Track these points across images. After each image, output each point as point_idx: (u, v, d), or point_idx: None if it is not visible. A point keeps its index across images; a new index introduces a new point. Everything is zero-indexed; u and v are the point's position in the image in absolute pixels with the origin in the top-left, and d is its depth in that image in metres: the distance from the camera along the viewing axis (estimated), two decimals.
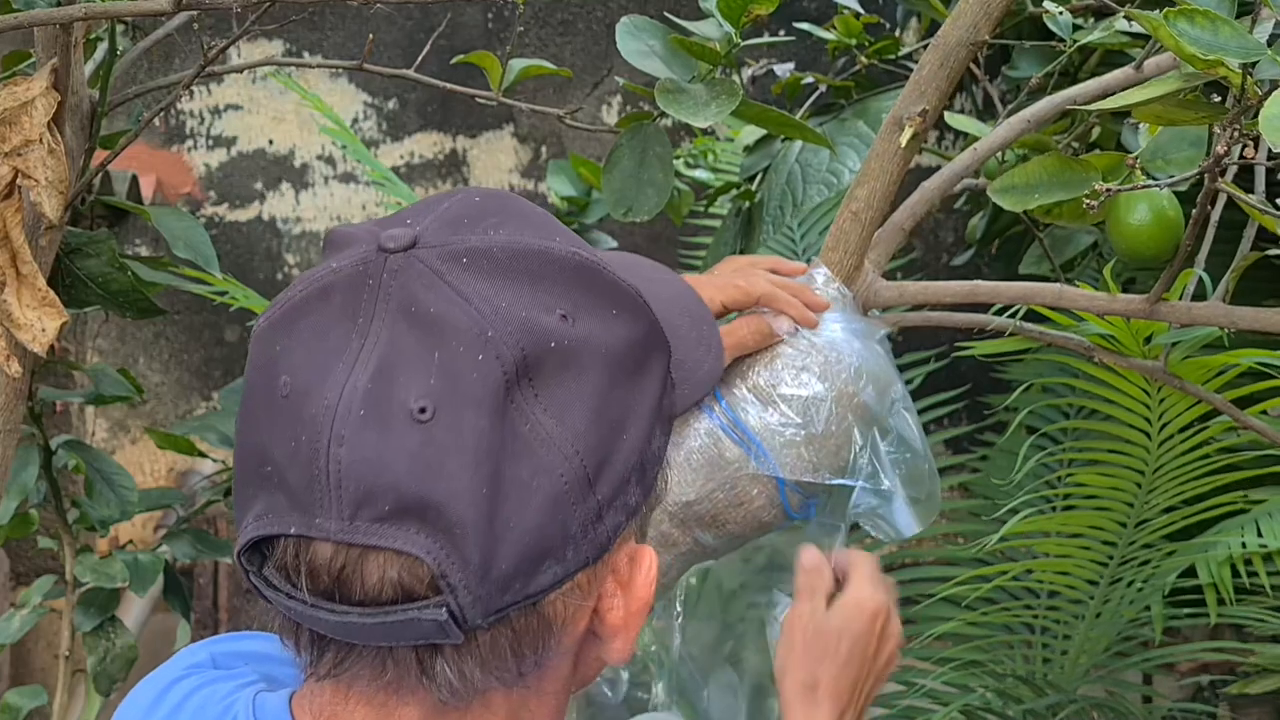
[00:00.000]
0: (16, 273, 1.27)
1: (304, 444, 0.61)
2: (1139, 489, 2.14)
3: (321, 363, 0.62)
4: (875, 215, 1.17)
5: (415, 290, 0.63)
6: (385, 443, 0.60)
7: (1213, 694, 2.56)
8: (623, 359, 0.66)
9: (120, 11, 1.21)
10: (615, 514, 0.65)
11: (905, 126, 1.13)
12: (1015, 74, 1.79)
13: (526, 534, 0.61)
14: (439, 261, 0.64)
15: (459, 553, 0.60)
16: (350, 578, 0.62)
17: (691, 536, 1.16)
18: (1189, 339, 1.21)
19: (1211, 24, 0.86)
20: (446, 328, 0.62)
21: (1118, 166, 1.11)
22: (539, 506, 0.62)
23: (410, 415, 0.60)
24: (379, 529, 0.60)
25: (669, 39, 1.27)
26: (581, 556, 0.64)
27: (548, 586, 0.63)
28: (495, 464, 0.61)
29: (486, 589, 0.61)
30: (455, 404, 0.61)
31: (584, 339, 0.64)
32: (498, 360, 0.61)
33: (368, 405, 0.61)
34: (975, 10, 1.11)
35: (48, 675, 2.78)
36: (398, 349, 0.62)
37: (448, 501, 0.60)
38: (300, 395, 0.62)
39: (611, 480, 0.64)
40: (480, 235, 0.65)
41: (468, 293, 0.63)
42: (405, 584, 0.61)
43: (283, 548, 0.63)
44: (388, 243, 0.64)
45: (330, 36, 3.00)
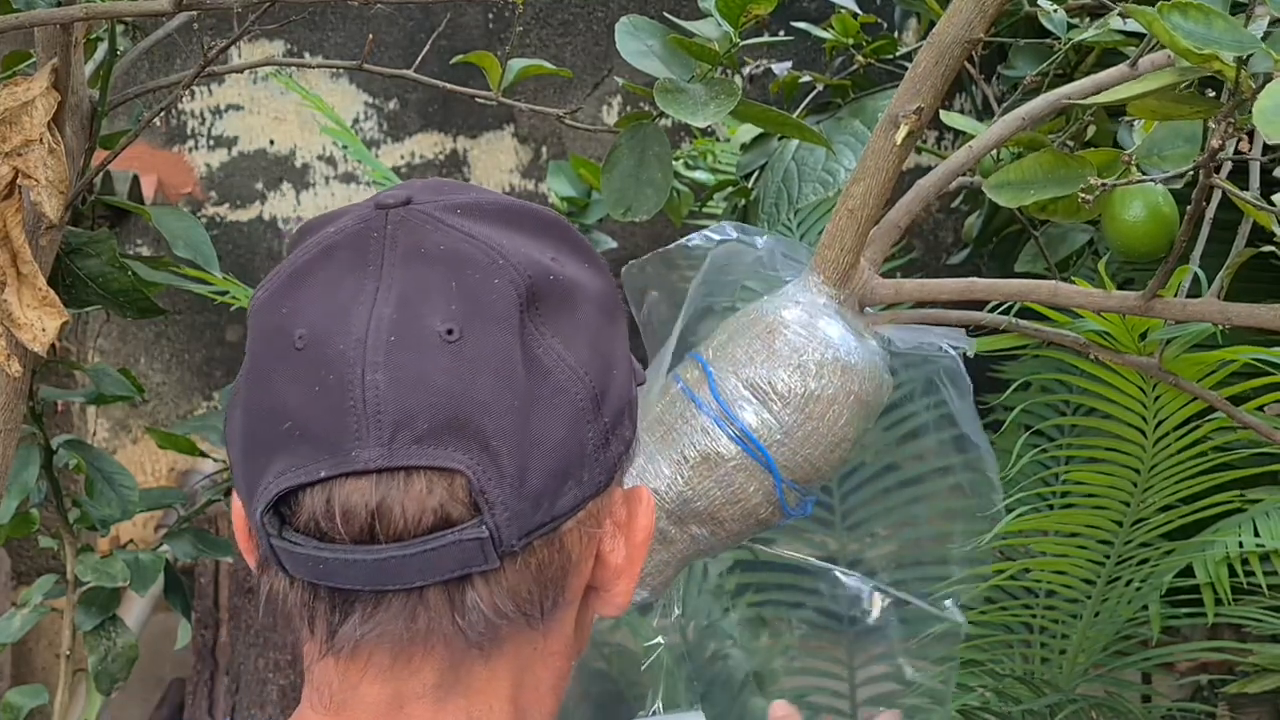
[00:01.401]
0: (17, 272, 1.27)
1: (331, 383, 0.62)
2: (1135, 488, 2.15)
3: (340, 308, 0.64)
4: (871, 213, 1.17)
5: (422, 234, 0.66)
6: (419, 364, 0.62)
7: (1211, 693, 2.56)
8: (604, 302, 0.70)
9: (121, 11, 1.22)
10: (618, 441, 0.68)
11: (901, 124, 1.13)
12: (1012, 74, 1.79)
13: (554, 448, 0.64)
14: (438, 211, 0.67)
15: (496, 466, 0.62)
16: (389, 510, 0.62)
17: (689, 533, 1.17)
18: (1184, 335, 1.22)
19: (1205, 18, 0.86)
20: (460, 258, 0.65)
21: (1113, 162, 1.11)
22: (562, 422, 0.65)
23: (439, 337, 0.63)
24: (419, 450, 0.62)
25: (668, 39, 1.28)
26: (595, 479, 0.67)
27: (569, 509, 0.66)
28: (523, 379, 0.64)
29: (521, 505, 0.63)
30: (480, 323, 0.64)
31: (572, 279, 0.68)
32: (511, 284, 0.65)
33: (397, 331, 0.63)
34: (970, 8, 1.11)
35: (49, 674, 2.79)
36: (416, 283, 0.64)
37: (483, 415, 0.62)
38: (321, 340, 0.63)
39: (613, 406, 0.68)
40: (465, 194, 0.70)
41: (473, 231, 0.67)
42: (444, 508, 0.63)
43: (311, 499, 0.63)
44: (386, 200, 0.68)
45: (331, 37, 3.00)
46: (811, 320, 1.16)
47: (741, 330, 1.18)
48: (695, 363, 1.19)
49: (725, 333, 1.19)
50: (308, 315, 0.65)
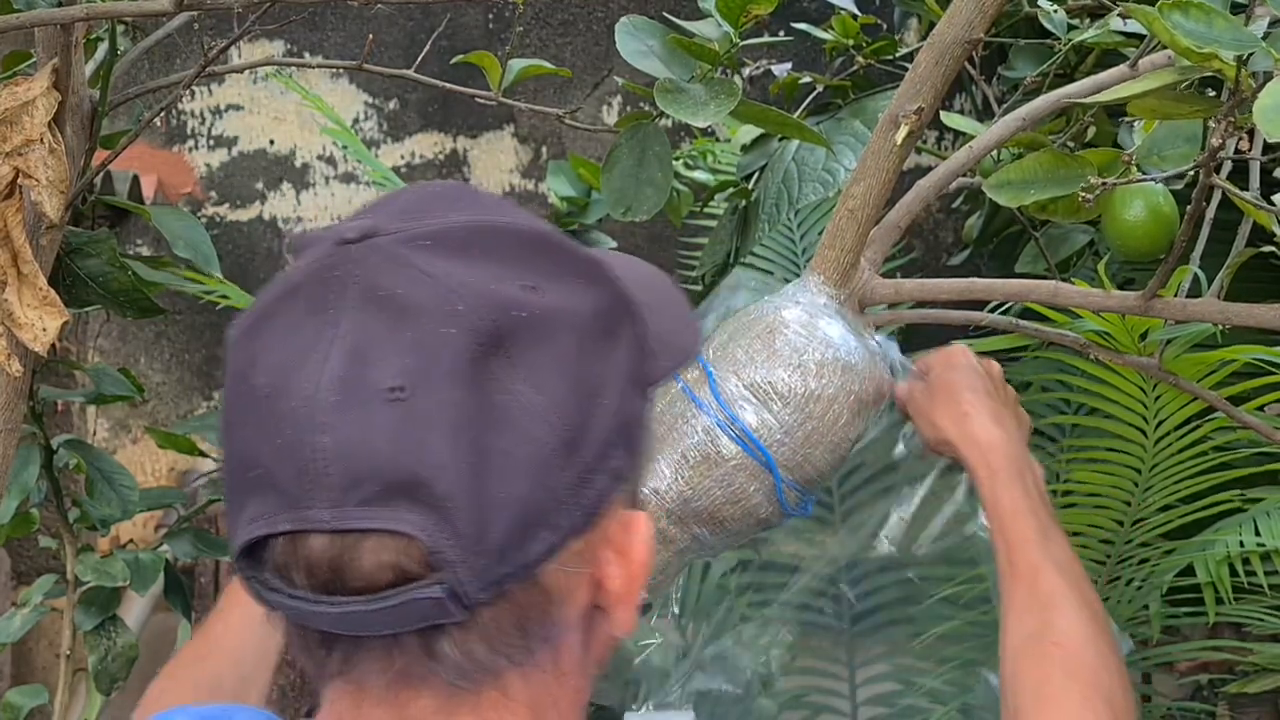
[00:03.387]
0: (17, 272, 1.27)
1: (288, 439, 0.62)
2: (1136, 487, 2.15)
3: (296, 358, 0.63)
4: (871, 213, 1.17)
5: (378, 275, 0.64)
6: (365, 425, 0.61)
7: (1212, 693, 2.56)
8: (592, 326, 0.67)
9: (121, 11, 1.22)
10: (601, 478, 0.66)
11: (901, 125, 1.13)
12: (1012, 74, 1.79)
13: (515, 502, 0.62)
14: (399, 246, 0.65)
15: (450, 526, 0.61)
16: (347, 567, 0.62)
17: (689, 533, 1.17)
18: (1184, 335, 1.22)
19: (1206, 16, 0.86)
20: (414, 307, 0.63)
21: (1113, 162, 1.11)
22: (524, 473, 0.62)
23: (386, 395, 0.61)
24: (369, 512, 0.61)
25: (668, 39, 1.28)
26: (572, 522, 0.64)
27: (543, 555, 0.64)
28: (476, 434, 0.61)
29: (482, 560, 0.62)
30: (430, 379, 0.61)
31: (552, 308, 0.65)
32: (469, 332, 0.62)
33: (343, 390, 0.61)
34: (970, 8, 1.11)
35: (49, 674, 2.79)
36: (368, 333, 0.63)
37: (433, 476, 0.61)
38: (278, 393, 0.63)
39: (594, 445, 0.65)
40: (437, 219, 0.67)
41: (431, 270, 0.64)
42: (401, 565, 0.62)
43: (278, 548, 0.63)
44: (346, 234, 0.65)
45: (331, 37, 3.01)
46: (812, 320, 1.16)
47: (742, 330, 1.18)
48: (695, 362, 1.19)
49: (725, 333, 1.19)
50: (269, 362, 0.64)
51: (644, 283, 0.78)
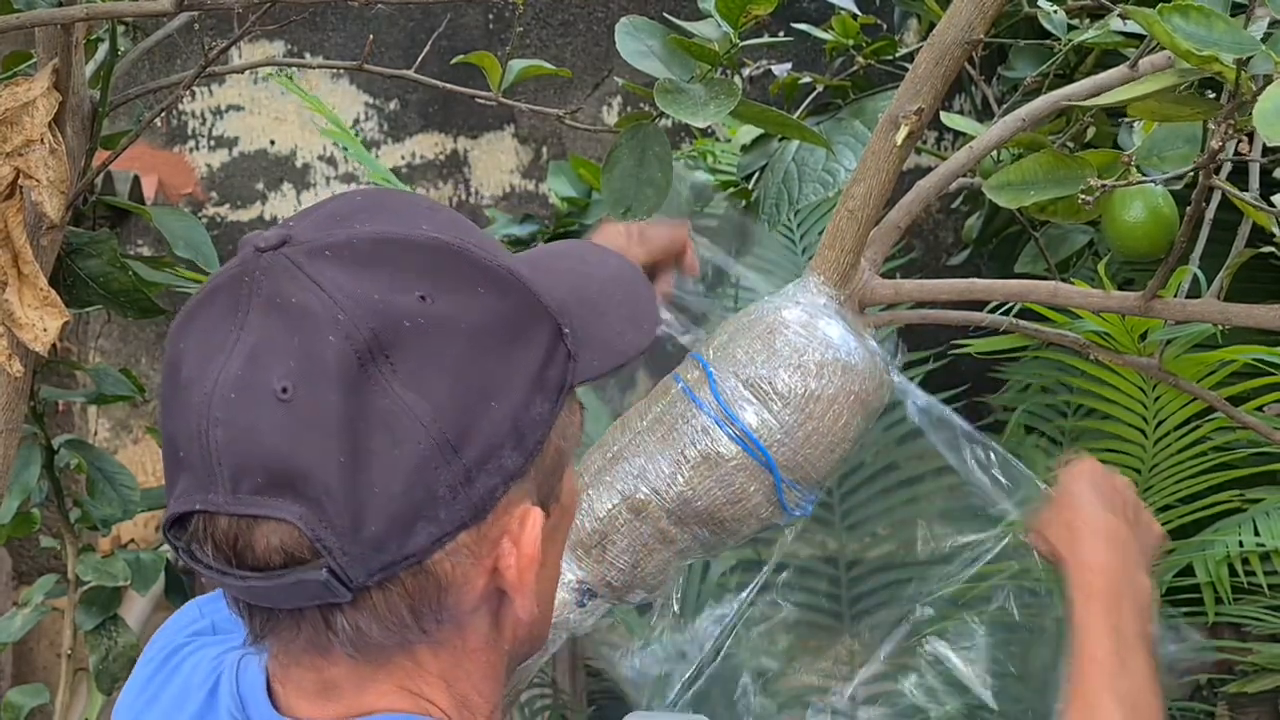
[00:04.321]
0: (18, 272, 1.27)
1: (193, 429, 0.69)
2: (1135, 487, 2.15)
3: (207, 356, 0.69)
4: (871, 213, 1.17)
5: (280, 283, 0.70)
6: (253, 421, 0.67)
7: (1211, 693, 2.56)
8: (489, 333, 0.71)
9: (121, 12, 1.22)
10: (489, 476, 0.70)
11: (901, 125, 1.13)
12: (1012, 75, 1.79)
13: (391, 498, 0.68)
14: (303, 256, 0.70)
15: (327, 517, 0.67)
16: (244, 547, 0.69)
17: (689, 533, 1.17)
18: (1183, 336, 1.22)
19: (1206, 19, 0.86)
20: (305, 314, 0.68)
21: (1113, 163, 1.11)
22: (401, 473, 0.68)
23: (274, 395, 0.67)
24: (257, 500, 0.68)
25: (668, 39, 1.28)
26: (456, 517, 0.70)
27: (427, 546, 0.69)
28: (353, 435, 0.67)
29: (360, 549, 0.68)
30: (312, 382, 0.67)
31: (442, 316, 0.70)
32: (348, 340, 0.68)
33: (238, 389, 0.68)
34: (970, 9, 1.11)
35: (50, 674, 2.79)
36: (265, 337, 0.69)
37: (311, 471, 0.67)
38: (190, 385, 0.69)
39: (479, 446, 0.69)
40: (346, 230, 0.72)
41: (323, 282, 0.69)
42: (289, 548, 0.68)
43: (194, 524, 0.70)
44: (259, 242, 0.71)
45: (331, 37, 3.01)
46: (812, 320, 1.16)
47: (742, 330, 1.18)
48: (695, 363, 1.19)
49: (725, 333, 1.19)
50: (189, 357, 0.70)
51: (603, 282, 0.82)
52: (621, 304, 0.82)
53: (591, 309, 0.78)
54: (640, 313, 0.83)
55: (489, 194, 3.05)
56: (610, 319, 0.80)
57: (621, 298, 0.82)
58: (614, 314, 0.80)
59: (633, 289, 0.84)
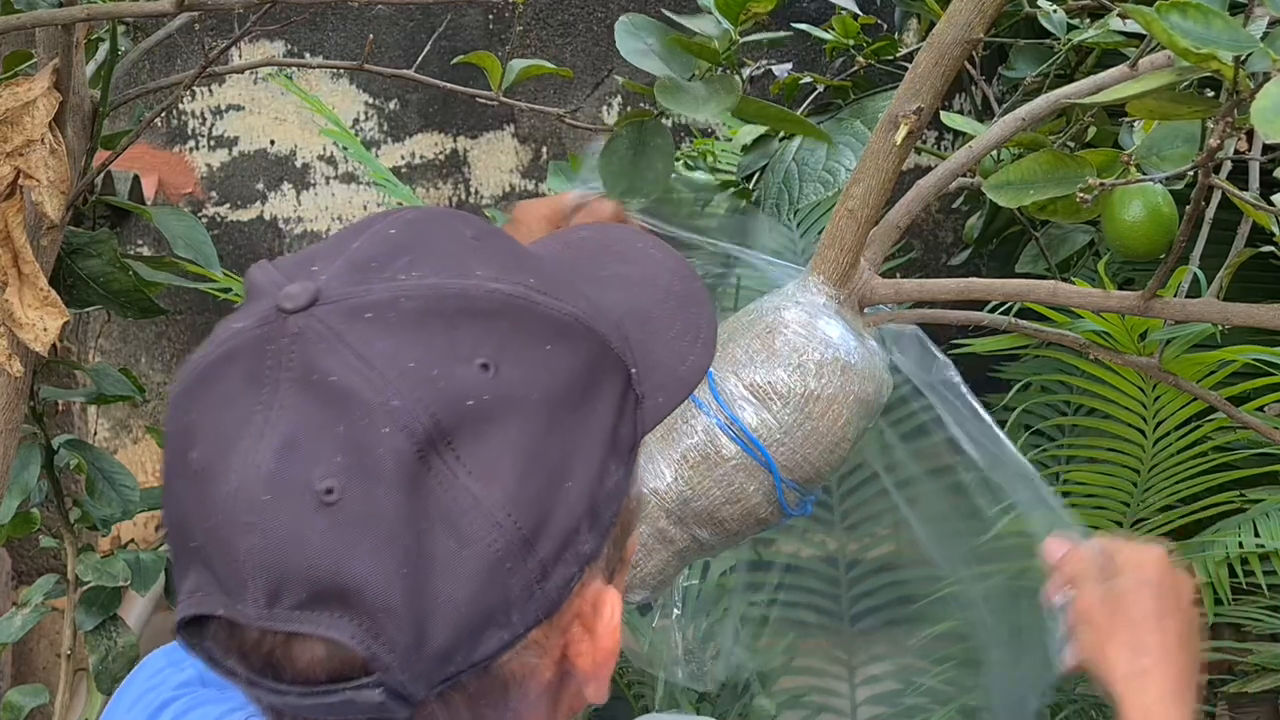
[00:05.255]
0: (18, 272, 1.27)
1: (216, 528, 0.59)
2: (1135, 488, 2.15)
3: (226, 438, 0.59)
4: (870, 213, 1.17)
5: (315, 356, 0.59)
6: (293, 528, 0.57)
7: (1211, 693, 2.56)
8: (560, 398, 0.61)
9: (122, 12, 1.22)
10: (566, 567, 0.61)
11: (900, 125, 1.13)
12: (1012, 74, 1.80)
13: (459, 607, 0.58)
14: (340, 321, 0.59)
15: (385, 633, 0.58)
16: (280, 660, 0.59)
17: (689, 533, 1.17)
18: (1183, 335, 1.22)
19: (1204, 17, 0.86)
20: (350, 398, 0.58)
21: (1112, 163, 1.11)
22: (470, 578, 0.58)
23: (317, 496, 0.57)
24: (299, 615, 0.58)
25: (668, 38, 1.27)
26: (530, 618, 0.60)
27: (495, 652, 0.60)
28: (414, 540, 0.57)
29: (424, 665, 0.58)
30: (363, 481, 0.57)
31: (509, 388, 0.60)
32: (405, 431, 0.58)
33: (272, 489, 0.58)
34: (969, 8, 1.11)
35: (50, 674, 2.79)
36: (301, 423, 0.58)
37: (365, 584, 0.57)
38: (209, 475, 0.59)
39: (556, 536, 0.60)
40: (388, 282, 0.61)
41: (370, 355, 0.59)
42: (337, 663, 0.59)
43: (215, 627, 0.61)
44: (285, 302, 0.60)
45: (331, 37, 3.01)
46: (811, 320, 1.16)
47: (741, 330, 1.18)
48: None
49: (725, 333, 1.19)
50: (202, 433, 0.60)
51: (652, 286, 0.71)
52: (675, 314, 0.70)
53: (649, 328, 0.67)
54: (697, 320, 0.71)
55: (489, 194, 3.05)
56: (670, 337, 0.68)
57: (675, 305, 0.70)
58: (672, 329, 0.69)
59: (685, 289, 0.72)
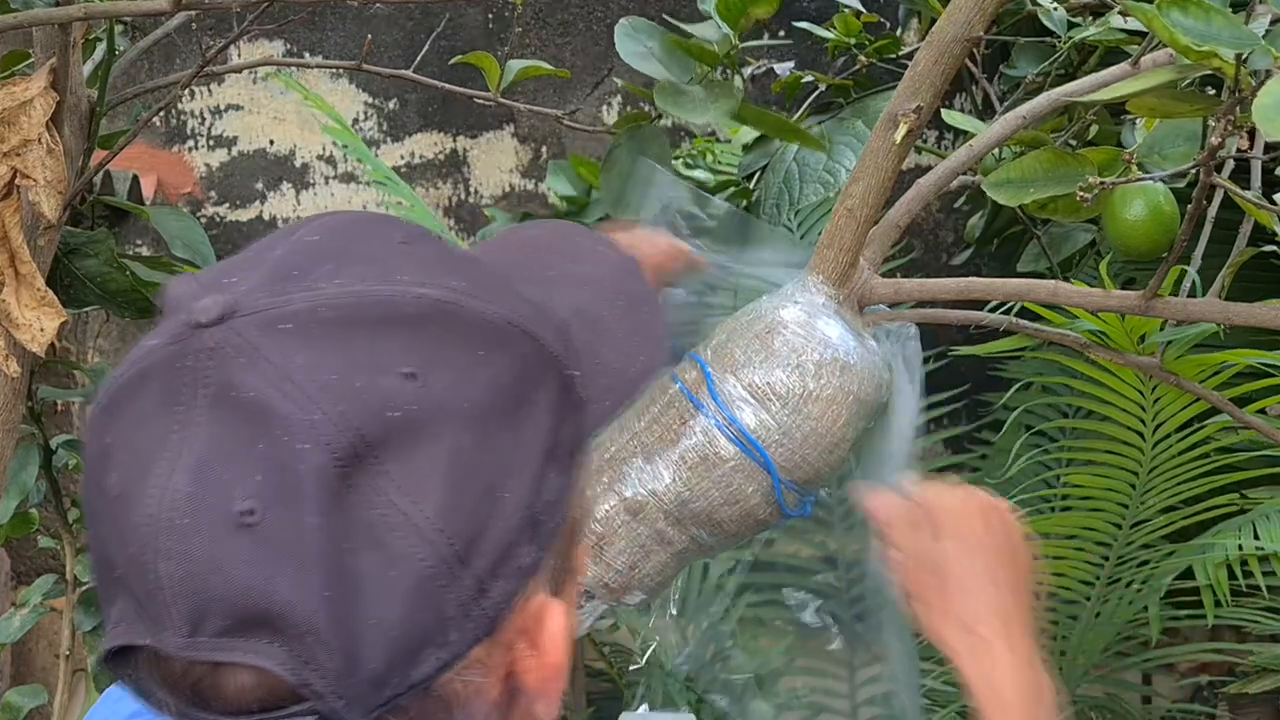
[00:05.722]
0: (15, 273, 1.27)
1: (135, 555, 0.56)
2: (1134, 490, 2.15)
3: (142, 461, 0.57)
4: (870, 212, 1.17)
5: (232, 372, 0.56)
6: (213, 553, 0.55)
7: (1211, 694, 2.56)
8: (492, 406, 0.58)
9: (119, 11, 1.22)
10: (505, 582, 0.58)
11: (900, 123, 1.13)
12: (1014, 73, 1.79)
13: (391, 628, 0.55)
14: (257, 333, 0.57)
15: (315, 659, 0.55)
16: (208, 690, 0.57)
17: (687, 534, 1.17)
18: (1184, 336, 1.21)
19: (1204, 14, 0.86)
20: (268, 414, 0.55)
21: (1113, 161, 1.11)
22: (401, 597, 0.55)
23: (236, 519, 0.54)
24: (223, 643, 0.55)
25: (667, 40, 1.27)
26: (469, 636, 0.57)
27: (434, 673, 0.57)
28: (339, 561, 0.55)
29: (358, 689, 0.55)
30: (284, 501, 0.54)
31: (437, 398, 0.57)
32: (327, 447, 0.55)
33: (190, 513, 0.55)
34: (969, 6, 1.11)
35: (48, 674, 2.78)
36: (218, 442, 0.56)
37: (290, 609, 0.54)
38: (127, 500, 0.57)
39: (492, 550, 0.57)
40: (308, 291, 0.58)
41: (289, 369, 0.56)
42: (268, 692, 0.56)
43: (143, 656, 0.58)
44: (199, 316, 0.57)
45: (330, 37, 3.00)
46: (810, 320, 1.16)
47: (740, 331, 1.18)
48: (693, 363, 1.18)
49: (724, 333, 1.19)
50: (119, 458, 0.58)
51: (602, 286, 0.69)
52: (627, 313, 0.68)
53: (597, 329, 0.65)
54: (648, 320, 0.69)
55: (488, 194, 3.05)
56: (619, 337, 0.66)
57: (625, 306, 0.68)
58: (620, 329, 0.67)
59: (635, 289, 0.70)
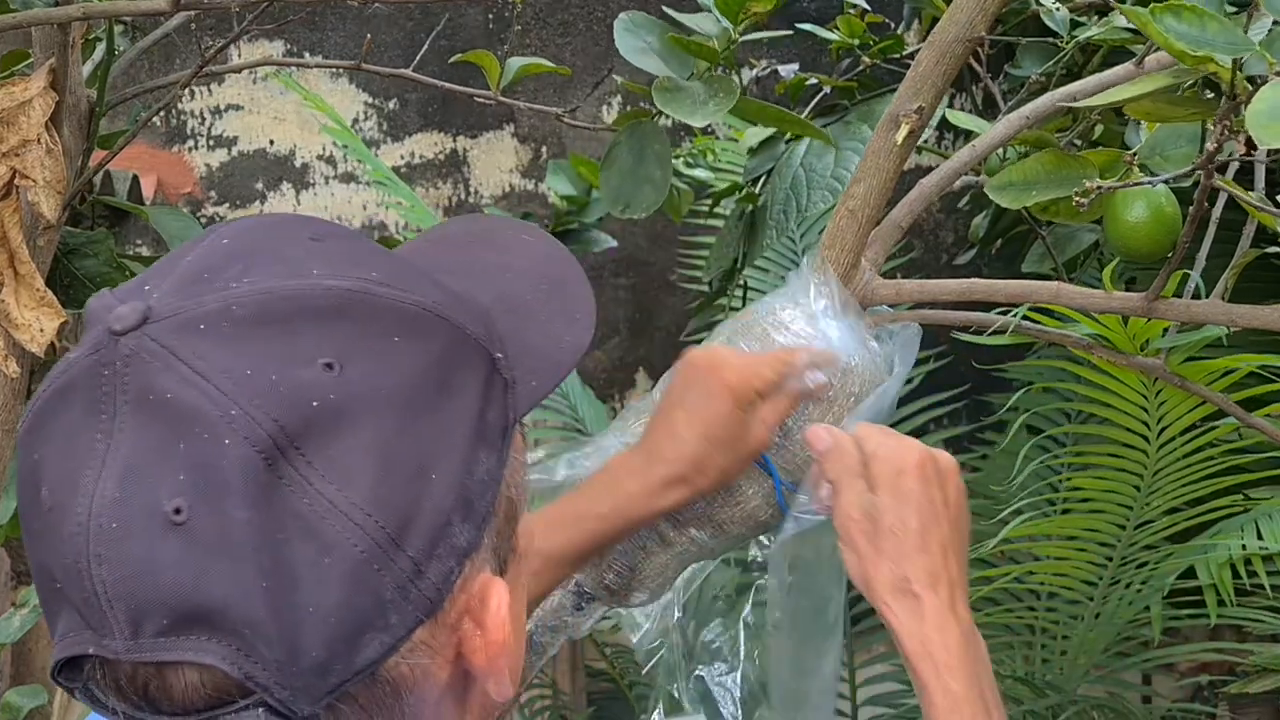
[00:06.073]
0: (14, 273, 1.27)
1: (71, 565, 0.57)
2: (1138, 491, 2.14)
3: (71, 472, 0.58)
4: (872, 213, 1.17)
5: (150, 376, 0.57)
6: (145, 553, 0.56)
7: (1212, 694, 2.56)
8: (414, 391, 0.59)
9: (118, 11, 1.21)
10: (441, 562, 0.59)
11: (901, 124, 1.13)
12: (1018, 72, 1.79)
13: (329, 615, 0.57)
14: (171, 336, 0.58)
15: (256, 652, 0.56)
16: (156, 693, 0.58)
17: (687, 535, 1.16)
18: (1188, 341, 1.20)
19: (1199, 20, 0.85)
20: (187, 414, 0.56)
21: (1115, 163, 1.10)
22: (336, 584, 0.57)
23: (165, 519, 0.56)
24: (165, 643, 0.56)
25: (667, 36, 1.27)
26: (410, 619, 0.59)
27: (377, 657, 0.58)
28: (271, 552, 0.56)
29: (303, 679, 0.57)
30: (212, 497, 0.56)
31: (356, 385, 0.58)
32: (248, 440, 0.56)
33: (119, 516, 0.56)
34: (971, 6, 1.10)
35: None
36: (141, 445, 0.57)
37: (226, 604, 0.56)
38: (59, 511, 0.58)
39: (424, 531, 0.59)
40: (219, 292, 0.59)
41: (205, 368, 0.57)
42: (214, 689, 0.57)
43: (90, 667, 0.59)
44: (115, 324, 0.58)
45: (330, 36, 3.00)
46: (811, 321, 1.16)
47: (742, 332, 1.17)
48: None
49: (726, 334, 1.18)
50: (48, 472, 0.59)
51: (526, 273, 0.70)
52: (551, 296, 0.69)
53: (521, 313, 0.67)
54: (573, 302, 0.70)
55: (488, 193, 3.04)
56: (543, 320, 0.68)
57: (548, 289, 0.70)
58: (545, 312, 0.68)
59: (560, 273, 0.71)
